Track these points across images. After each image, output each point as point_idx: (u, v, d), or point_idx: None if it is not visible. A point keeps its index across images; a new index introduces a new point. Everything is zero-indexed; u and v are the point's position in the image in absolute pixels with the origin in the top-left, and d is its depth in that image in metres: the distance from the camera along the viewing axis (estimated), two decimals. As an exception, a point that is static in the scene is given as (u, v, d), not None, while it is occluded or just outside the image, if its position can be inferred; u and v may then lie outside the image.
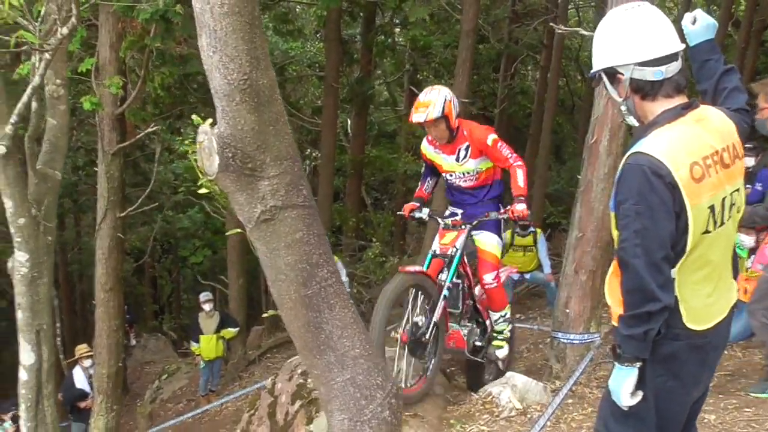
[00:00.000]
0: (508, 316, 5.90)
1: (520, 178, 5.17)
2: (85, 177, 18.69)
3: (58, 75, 5.55)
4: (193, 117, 2.93)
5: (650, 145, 2.30)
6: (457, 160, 5.49)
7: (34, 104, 5.33)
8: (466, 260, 5.47)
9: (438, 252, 5.33)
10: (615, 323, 2.50)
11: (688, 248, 2.33)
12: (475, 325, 5.84)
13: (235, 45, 2.53)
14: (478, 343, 5.78)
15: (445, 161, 5.52)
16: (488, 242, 5.53)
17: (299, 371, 6.36)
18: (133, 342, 20.16)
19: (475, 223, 5.35)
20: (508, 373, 6.20)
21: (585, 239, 6.01)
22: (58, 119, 5.66)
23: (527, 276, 10.12)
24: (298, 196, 2.82)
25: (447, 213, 5.78)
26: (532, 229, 9.91)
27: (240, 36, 2.50)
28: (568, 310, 6.18)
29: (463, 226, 5.35)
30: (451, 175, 5.62)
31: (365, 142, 16.36)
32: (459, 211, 5.70)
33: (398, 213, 6.22)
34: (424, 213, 5.64)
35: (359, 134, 15.97)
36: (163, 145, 14.61)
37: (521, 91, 19.58)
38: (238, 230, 3.16)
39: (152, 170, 13.45)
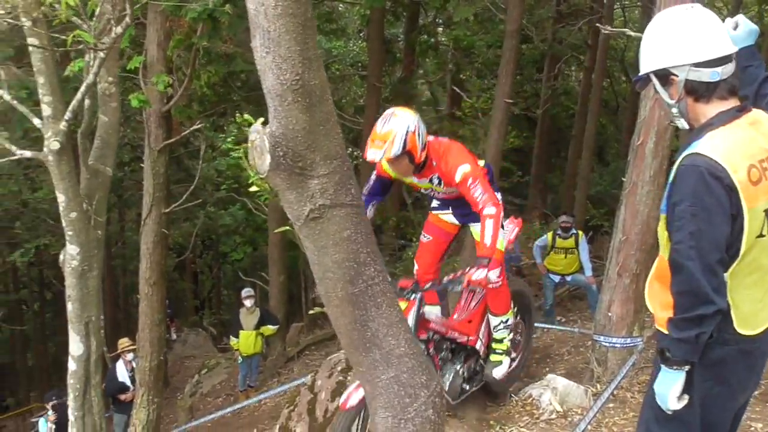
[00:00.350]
0: (510, 322, 5.30)
1: (487, 231, 4.19)
2: (131, 173, 19.02)
3: (110, 73, 5.69)
4: (245, 116, 2.97)
5: (707, 146, 2.29)
6: (431, 182, 4.75)
7: (86, 101, 5.46)
8: (427, 318, 4.66)
9: None
10: (658, 327, 2.49)
11: (741, 252, 2.31)
12: (459, 365, 5.18)
13: (288, 46, 2.56)
14: (465, 386, 5.18)
15: (418, 183, 4.79)
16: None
17: (339, 368, 6.41)
18: (174, 336, 20.46)
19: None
20: (549, 376, 6.18)
21: (629, 242, 5.95)
22: (110, 116, 5.80)
23: (568, 278, 10.06)
24: (347, 195, 2.85)
25: (435, 204, 5.17)
26: (573, 231, 9.85)
27: (293, 37, 2.54)
28: (610, 314, 6.13)
29: (412, 295, 4.45)
30: (428, 190, 4.93)
31: (406, 141, 16.34)
32: (448, 211, 5.11)
33: None
34: None
35: (401, 133, 15.96)
36: (207, 143, 14.81)
37: (565, 92, 19.44)
38: (287, 227, 3.20)
39: (195, 167, 13.66)
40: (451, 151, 4.43)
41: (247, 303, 12.34)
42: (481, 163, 4.75)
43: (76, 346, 5.57)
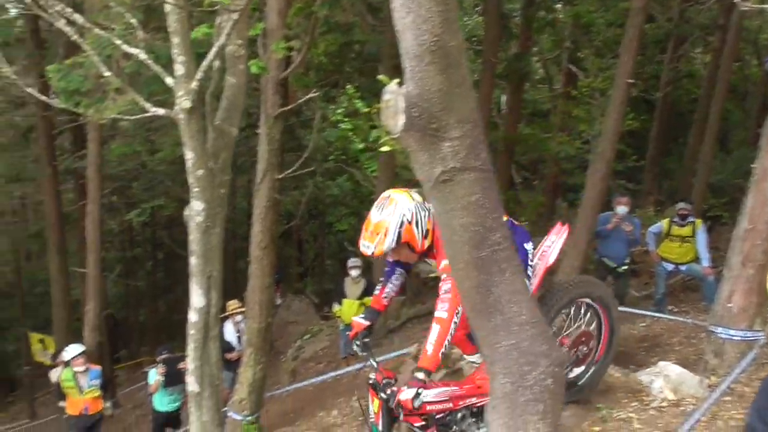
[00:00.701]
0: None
1: (432, 336, 3.73)
2: (244, 139, 19.52)
3: (240, 35, 5.86)
4: (380, 77, 2.99)
5: None
6: None
7: (216, 63, 5.64)
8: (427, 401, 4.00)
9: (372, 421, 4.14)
10: None
11: None
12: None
13: (429, 6, 2.57)
14: None
15: (434, 263, 4.24)
16: None
17: (444, 340, 6.43)
18: (279, 301, 20.96)
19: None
20: (661, 363, 6.01)
21: (756, 231, 5.68)
22: (237, 78, 5.99)
23: (683, 268, 9.69)
24: (477, 159, 2.85)
25: None
26: (691, 219, 9.47)
27: (434, -3, 2.54)
28: (730, 305, 5.88)
29: (381, 394, 3.97)
30: None
31: (518, 119, 16.09)
32: None
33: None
34: (357, 345, 4.44)
35: (513, 111, 15.74)
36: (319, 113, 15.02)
37: (688, 75, 18.59)
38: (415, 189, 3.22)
39: (306, 136, 13.88)
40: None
41: (353, 273, 12.47)
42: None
43: (197, 298, 5.82)
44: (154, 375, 11.24)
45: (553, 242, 4.73)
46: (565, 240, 4.81)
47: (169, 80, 5.22)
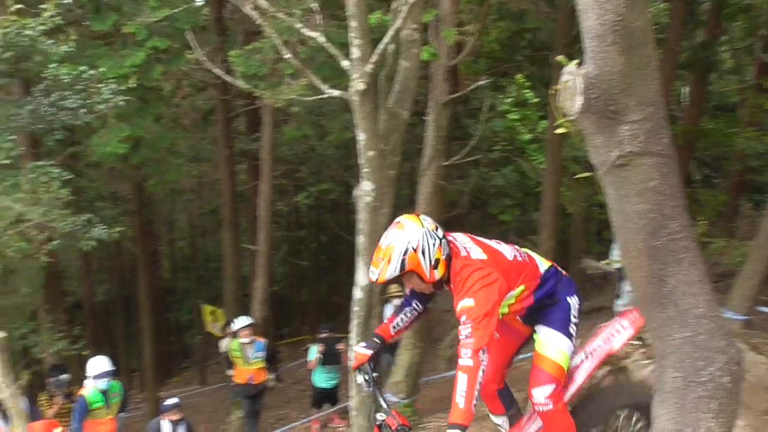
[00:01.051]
0: None
1: (460, 387, 3.34)
2: (409, 126, 19.73)
3: (415, 20, 5.95)
4: (559, 58, 2.94)
5: None
6: None
7: (391, 46, 5.76)
8: None
9: None
10: None
11: None
12: None
13: (614, -15, 2.49)
14: None
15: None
16: (548, 343, 3.91)
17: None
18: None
19: None
20: None
21: None
22: (411, 62, 6.09)
23: None
24: (657, 144, 2.75)
25: None
26: None
27: (619, -24, 2.47)
28: None
29: None
30: None
31: (701, 113, 15.18)
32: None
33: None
34: (361, 377, 4.06)
35: (695, 103, 14.87)
36: (487, 102, 14.93)
37: None
38: (588, 174, 3.13)
39: (472, 125, 13.82)
40: (468, 279, 3.59)
41: (511, 262, 12.40)
42: (544, 266, 3.98)
43: (363, 276, 6.00)
44: (314, 352, 11.70)
45: (625, 327, 4.22)
46: (637, 331, 4.25)
47: (345, 63, 5.39)
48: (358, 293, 6.12)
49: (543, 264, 4.01)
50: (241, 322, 11.14)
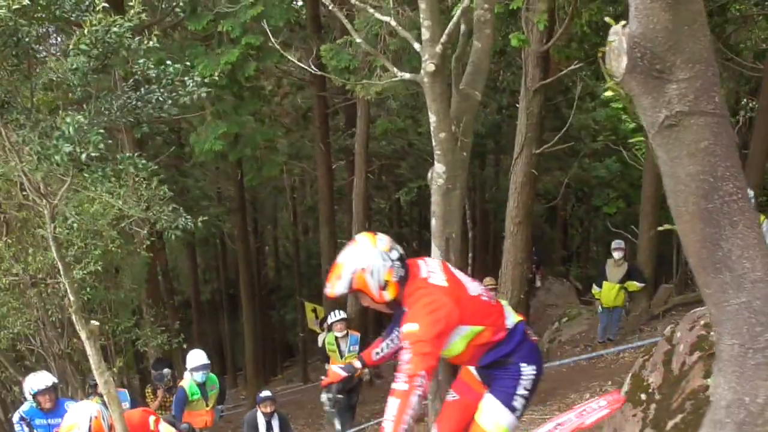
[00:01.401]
0: None
1: (389, 412, 3.24)
2: (508, 118, 19.53)
3: (487, 1, 5.91)
4: (606, 18, 2.90)
5: None
6: None
7: (462, 27, 5.76)
8: None
9: None
10: None
11: None
12: None
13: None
14: None
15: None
16: (487, 413, 3.69)
17: (702, 322, 6.00)
18: (538, 283, 20.84)
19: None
20: None
21: None
22: (483, 43, 6.07)
23: None
24: (709, 102, 2.67)
25: None
26: None
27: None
28: None
29: None
30: None
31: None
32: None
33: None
34: (325, 396, 4.04)
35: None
36: (586, 90, 14.58)
37: None
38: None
39: (571, 115, 13.55)
40: (417, 303, 3.47)
41: (616, 255, 12.21)
42: (512, 318, 3.73)
43: (436, 258, 6.01)
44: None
45: (602, 407, 3.97)
46: (612, 412, 4.06)
47: (416, 45, 5.44)
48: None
49: (512, 316, 3.78)
50: (335, 315, 11.33)
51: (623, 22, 2.77)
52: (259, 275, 24.96)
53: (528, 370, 3.66)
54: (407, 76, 5.65)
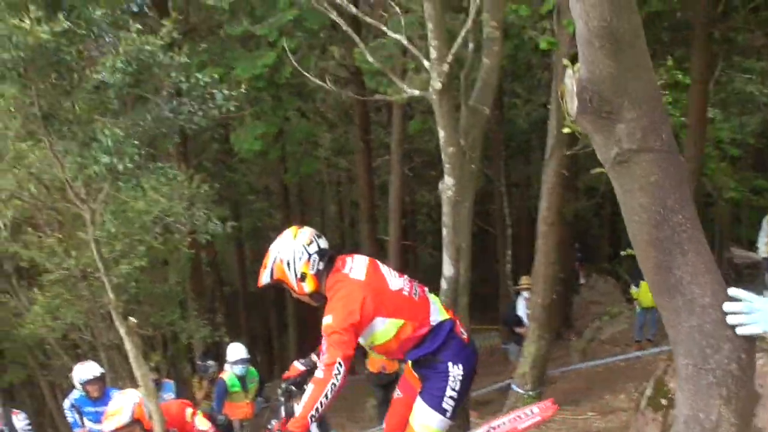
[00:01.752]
0: None
1: (304, 397, 3.54)
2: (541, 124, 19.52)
3: (495, 18, 6.11)
4: (564, 60, 3.12)
5: None
6: None
7: (470, 45, 5.97)
8: None
9: None
10: None
11: None
12: None
13: (596, -6, 2.63)
14: None
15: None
16: (417, 415, 3.86)
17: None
18: (582, 280, 20.77)
19: None
20: None
21: None
22: (491, 59, 6.27)
23: None
24: (656, 140, 2.83)
25: None
26: None
27: (600, -15, 2.61)
28: None
29: None
30: None
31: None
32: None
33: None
34: (281, 390, 4.43)
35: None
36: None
37: None
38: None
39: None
40: (334, 296, 3.70)
41: (655, 254, 12.16)
42: (438, 316, 3.86)
43: (447, 267, 6.25)
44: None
45: (534, 414, 4.11)
46: (544, 420, 4.19)
47: (426, 63, 5.66)
48: (443, 284, 6.36)
49: (439, 314, 3.91)
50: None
51: (578, 65, 2.99)
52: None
53: (456, 371, 3.77)
54: (416, 93, 5.87)
